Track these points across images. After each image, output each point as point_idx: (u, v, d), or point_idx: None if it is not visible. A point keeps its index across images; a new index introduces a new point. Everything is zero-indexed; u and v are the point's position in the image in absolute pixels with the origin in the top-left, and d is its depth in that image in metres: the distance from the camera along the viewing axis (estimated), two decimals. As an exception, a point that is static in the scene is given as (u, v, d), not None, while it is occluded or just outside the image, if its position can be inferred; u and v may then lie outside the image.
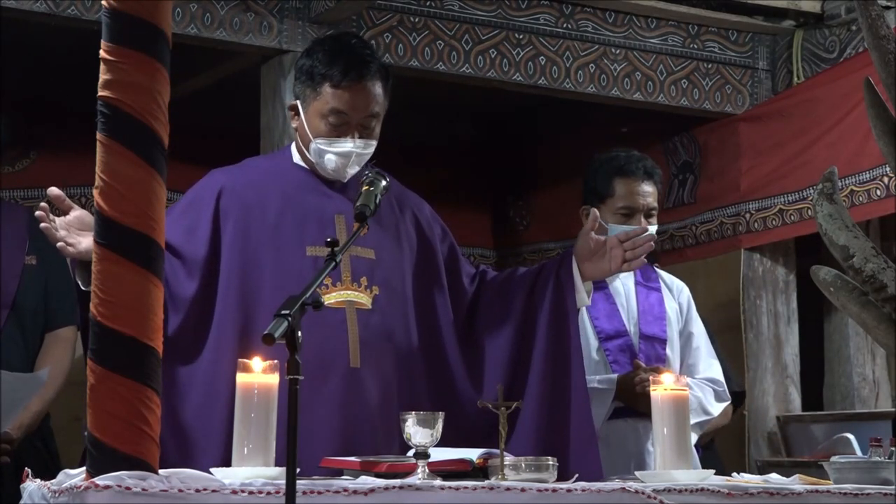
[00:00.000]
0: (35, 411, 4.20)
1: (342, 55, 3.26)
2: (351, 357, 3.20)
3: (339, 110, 3.24)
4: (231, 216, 3.24)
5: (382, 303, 3.27)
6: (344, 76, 3.23)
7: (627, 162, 4.12)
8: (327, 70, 3.24)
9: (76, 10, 4.60)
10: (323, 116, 3.25)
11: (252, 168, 3.41)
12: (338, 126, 3.25)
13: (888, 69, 2.82)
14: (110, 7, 2.51)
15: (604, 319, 4.09)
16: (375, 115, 3.30)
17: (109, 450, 2.39)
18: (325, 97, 3.25)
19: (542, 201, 6.95)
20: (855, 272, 2.80)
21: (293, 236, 3.24)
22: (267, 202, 3.28)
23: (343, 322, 3.21)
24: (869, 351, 5.73)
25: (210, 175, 3.36)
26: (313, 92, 3.26)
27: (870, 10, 2.83)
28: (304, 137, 3.31)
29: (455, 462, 2.86)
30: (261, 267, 3.21)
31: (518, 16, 5.41)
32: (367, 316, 3.24)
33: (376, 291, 3.27)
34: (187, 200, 3.31)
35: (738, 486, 2.83)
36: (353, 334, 3.21)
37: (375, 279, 3.28)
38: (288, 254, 3.22)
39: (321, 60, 3.26)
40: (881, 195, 5.24)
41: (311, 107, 3.27)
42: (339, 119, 3.25)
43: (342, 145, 3.26)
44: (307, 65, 3.29)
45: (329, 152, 3.27)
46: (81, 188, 6.01)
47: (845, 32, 5.64)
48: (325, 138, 3.26)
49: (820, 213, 2.88)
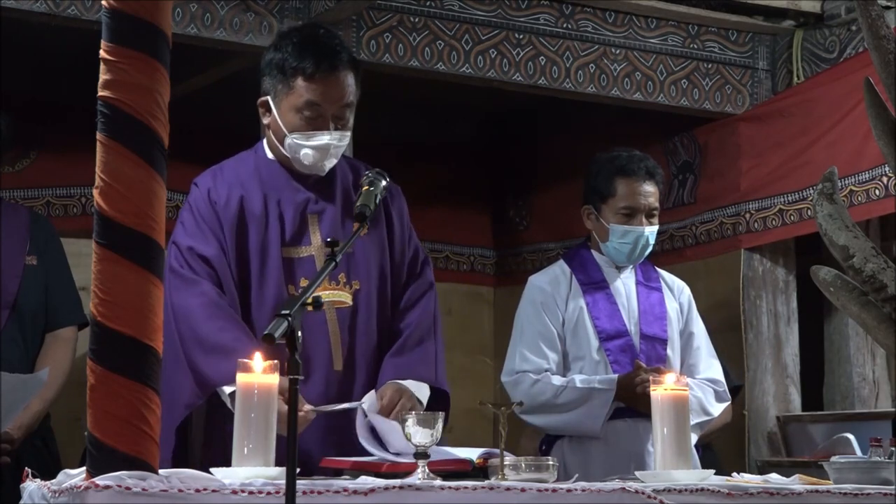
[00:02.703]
0: (35, 411, 4.20)
1: (312, 47, 3.22)
2: (334, 360, 3.20)
3: (313, 102, 3.21)
4: (226, 219, 3.24)
5: (363, 297, 3.26)
6: (317, 68, 3.19)
7: (629, 162, 4.13)
8: (299, 63, 3.20)
9: (76, 10, 4.60)
10: (298, 110, 3.22)
11: (230, 169, 3.37)
12: (313, 119, 3.22)
13: (888, 69, 2.82)
14: (110, 7, 2.51)
15: (604, 319, 4.10)
16: (349, 104, 3.26)
17: (109, 450, 2.39)
18: (298, 90, 3.21)
19: (542, 201, 6.95)
20: (855, 272, 2.80)
21: (270, 238, 3.23)
22: (245, 203, 3.26)
23: (324, 323, 3.20)
24: (869, 351, 5.73)
25: (196, 187, 3.33)
26: (285, 86, 3.23)
27: (870, 10, 2.83)
28: (278, 133, 3.27)
29: (455, 462, 2.86)
30: (242, 270, 3.21)
31: (518, 16, 5.41)
32: (347, 315, 3.23)
33: (356, 286, 3.26)
34: (192, 217, 3.27)
35: (738, 486, 2.83)
36: (335, 336, 3.20)
37: (355, 274, 3.26)
38: (265, 256, 3.22)
39: (291, 53, 3.22)
40: (880, 195, 5.24)
41: (283, 101, 3.24)
42: (314, 112, 3.21)
43: (319, 139, 3.23)
44: (277, 58, 3.25)
45: (305, 147, 3.23)
46: (81, 188, 6.01)
47: (845, 32, 5.63)
48: (301, 132, 3.23)
49: (820, 213, 2.88)
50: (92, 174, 2.50)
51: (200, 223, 3.22)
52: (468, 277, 7.04)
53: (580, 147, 6.11)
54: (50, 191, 6.04)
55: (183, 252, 3.18)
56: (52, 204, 6.03)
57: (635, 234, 4.10)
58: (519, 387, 4.07)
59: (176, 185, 5.93)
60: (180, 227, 3.25)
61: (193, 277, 3.14)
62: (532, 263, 6.80)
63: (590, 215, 4.19)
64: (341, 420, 3.14)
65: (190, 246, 3.18)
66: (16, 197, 5.69)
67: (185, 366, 3.07)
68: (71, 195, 6.08)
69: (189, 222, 3.24)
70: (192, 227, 3.21)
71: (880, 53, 2.83)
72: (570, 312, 4.12)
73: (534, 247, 6.99)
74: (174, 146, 2.63)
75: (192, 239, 3.19)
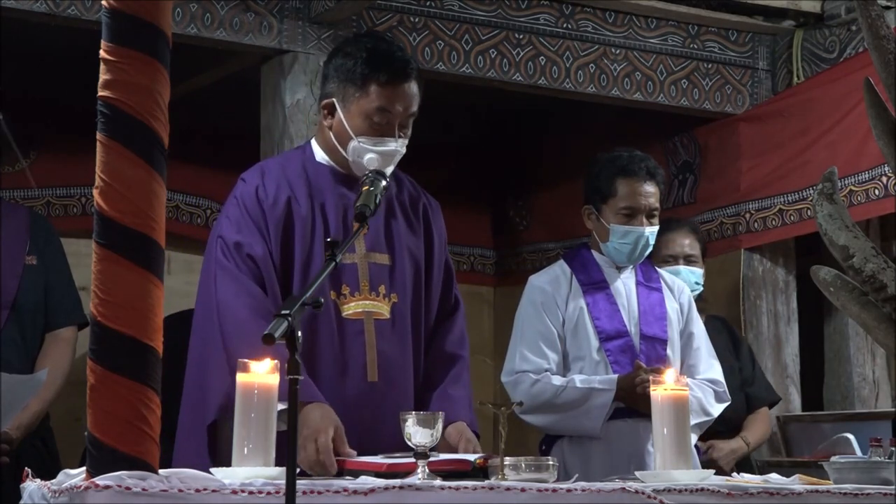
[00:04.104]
0: (35, 411, 4.20)
1: (386, 55, 3.30)
2: (369, 371, 3.21)
3: (384, 109, 3.27)
4: (272, 218, 3.25)
5: (400, 310, 3.29)
6: (393, 76, 3.27)
7: (630, 162, 4.13)
8: (374, 69, 3.26)
9: (76, 10, 4.60)
10: (367, 116, 3.27)
11: (278, 168, 3.38)
12: (381, 125, 3.28)
13: (888, 69, 2.82)
14: (110, 7, 2.51)
15: (605, 320, 4.10)
16: (414, 114, 3.34)
17: (109, 450, 2.39)
18: (371, 96, 3.26)
19: (542, 201, 6.95)
20: (855, 272, 2.80)
21: (318, 238, 3.25)
22: (298, 201, 3.28)
23: (361, 334, 3.22)
24: (869, 351, 5.73)
25: (244, 182, 3.33)
26: (358, 90, 3.27)
27: (870, 10, 2.83)
28: (342, 135, 3.30)
29: (455, 462, 2.86)
30: (287, 275, 3.21)
31: (518, 16, 5.41)
32: (384, 327, 3.26)
33: (395, 299, 3.29)
34: (240, 212, 3.26)
35: (738, 486, 2.83)
36: (371, 348, 3.22)
37: (394, 286, 3.30)
38: (314, 255, 3.23)
39: (365, 60, 3.28)
40: (880, 195, 5.24)
41: (353, 105, 3.28)
42: (383, 118, 3.27)
43: (386, 145, 3.28)
44: (347, 64, 3.30)
45: (371, 151, 3.27)
46: (81, 188, 6.01)
47: (845, 32, 5.63)
48: (368, 137, 3.27)
49: (820, 213, 2.88)
50: (92, 174, 2.50)
51: (248, 220, 3.23)
52: (468, 277, 7.03)
53: (580, 147, 6.11)
54: (50, 191, 6.04)
55: (230, 247, 3.19)
56: (52, 204, 6.03)
57: (636, 235, 4.10)
58: (519, 387, 4.07)
59: (176, 186, 5.98)
60: (226, 222, 3.25)
61: (241, 276, 3.15)
62: (532, 263, 6.79)
63: (590, 215, 4.19)
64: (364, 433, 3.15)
65: (237, 242, 3.19)
66: (16, 197, 5.69)
67: (224, 362, 3.05)
68: (71, 195, 6.08)
69: (235, 217, 3.24)
70: (239, 223, 3.22)
71: (880, 53, 2.83)
72: (570, 312, 4.12)
73: (534, 247, 6.99)
74: (174, 146, 2.63)
75: (239, 235, 3.20)
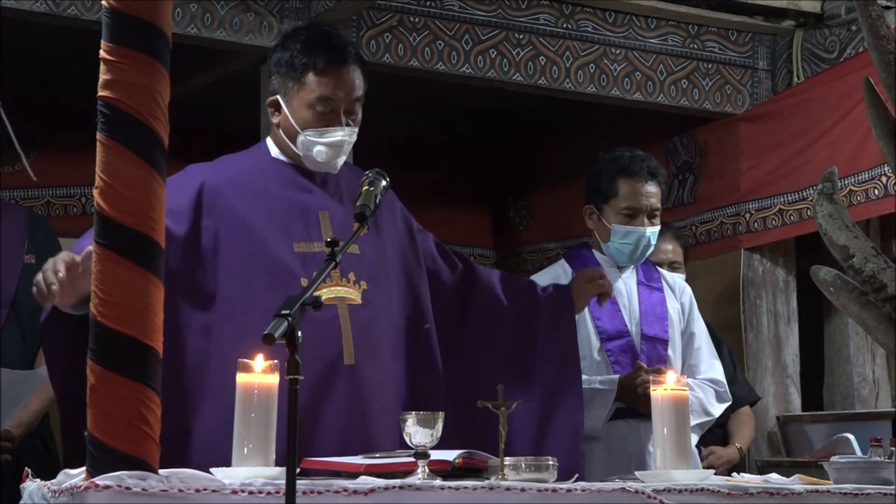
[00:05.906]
0: (35, 410, 4.20)
1: (321, 43, 3.27)
2: (345, 354, 3.20)
3: (325, 97, 3.24)
4: (214, 214, 3.20)
5: (371, 297, 3.27)
6: (328, 62, 3.23)
7: (631, 162, 4.12)
8: (309, 59, 3.24)
9: (76, 10, 4.60)
10: (310, 106, 3.25)
11: (230, 165, 3.36)
12: (326, 114, 3.25)
13: (888, 69, 2.83)
14: (110, 7, 2.51)
15: (605, 320, 4.09)
16: (359, 99, 3.30)
17: (109, 450, 2.39)
18: (310, 86, 3.24)
19: (542, 201, 6.95)
20: (855, 272, 2.81)
21: (279, 233, 3.23)
22: (250, 199, 3.25)
23: (336, 318, 3.20)
24: (869, 351, 5.73)
25: (188, 170, 3.30)
26: (296, 83, 3.25)
27: (870, 10, 2.84)
28: (290, 131, 3.29)
29: (434, 462, 2.83)
30: (252, 266, 3.20)
31: (518, 16, 5.41)
32: (357, 311, 3.24)
33: (364, 286, 3.27)
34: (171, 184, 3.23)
35: (738, 486, 2.83)
36: (346, 331, 3.20)
37: (362, 275, 3.28)
38: (276, 251, 3.21)
39: (300, 51, 3.26)
40: (880, 195, 5.24)
41: (295, 98, 3.26)
42: (326, 106, 3.24)
43: (333, 135, 3.25)
44: (285, 57, 3.28)
45: (319, 143, 3.25)
46: (81, 188, 6.02)
47: (845, 32, 5.64)
48: (314, 129, 3.25)
49: (820, 213, 2.88)
50: (92, 174, 2.50)
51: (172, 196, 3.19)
52: (468, 277, 7.03)
53: (580, 147, 6.12)
54: (50, 191, 6.04)
55: None
56: (52, 204, 6.04)
57: (637, 235, 4.10)
58: (519, 387, 4.07)
59: (176, 185, 5.97)
60: None
61: None
62: (532, 263, 6.80)
63: (591, 215, 4.18)
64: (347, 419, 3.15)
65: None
66: (16, 197, 5.70)
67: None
68: (71, 195, 6.08)
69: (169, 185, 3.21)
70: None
71: (880, 53, 2.83)
72: (570, 313, 4.11)
73: (534, 247, 7.00)
74: (174, 146, 2.63)
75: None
